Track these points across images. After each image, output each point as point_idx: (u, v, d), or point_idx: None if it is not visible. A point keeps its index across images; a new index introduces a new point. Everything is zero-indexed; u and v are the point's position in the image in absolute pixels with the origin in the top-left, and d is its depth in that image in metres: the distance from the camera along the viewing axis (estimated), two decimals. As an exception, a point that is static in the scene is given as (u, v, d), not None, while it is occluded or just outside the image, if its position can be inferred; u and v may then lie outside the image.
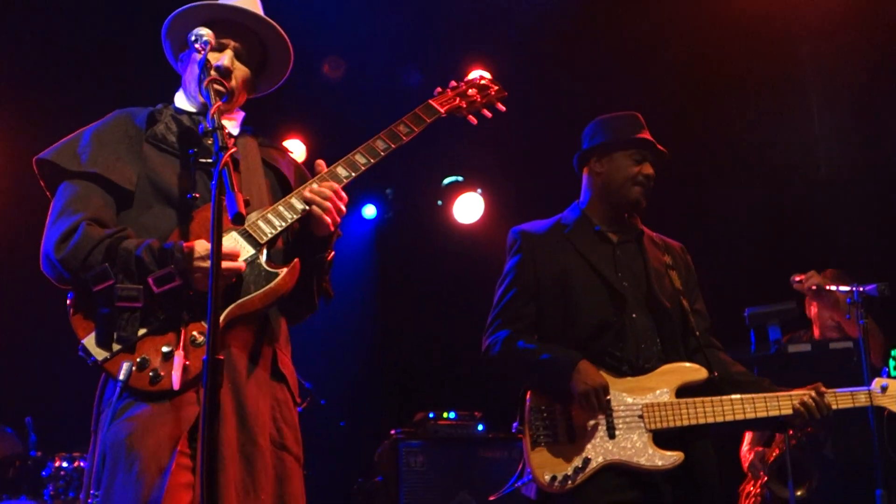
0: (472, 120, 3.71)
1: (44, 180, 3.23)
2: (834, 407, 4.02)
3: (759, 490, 5.65)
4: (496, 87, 3.77)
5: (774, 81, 7.74)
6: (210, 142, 2.89)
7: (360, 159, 3.30)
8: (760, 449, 5.70)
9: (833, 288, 4.80)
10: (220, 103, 2.95)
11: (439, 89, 3.67)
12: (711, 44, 7.46)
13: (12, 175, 6.60)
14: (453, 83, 3.71)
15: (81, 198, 3.11)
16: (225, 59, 3.28)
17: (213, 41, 3.14)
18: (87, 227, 3.01)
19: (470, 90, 3.71)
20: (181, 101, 3.34)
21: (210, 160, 3.02)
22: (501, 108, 3.76)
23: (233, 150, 2.81)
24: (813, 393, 4.00)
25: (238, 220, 2.73)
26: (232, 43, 3.32)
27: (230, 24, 3.33)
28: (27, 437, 6.16)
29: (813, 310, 5.68)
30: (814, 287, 5.01)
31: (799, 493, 4.85)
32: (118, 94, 3.94)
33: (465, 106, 3.67)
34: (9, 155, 6.79)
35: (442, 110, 3.58)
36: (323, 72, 7.93)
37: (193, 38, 3.10)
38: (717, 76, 7.62)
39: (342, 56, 7.95)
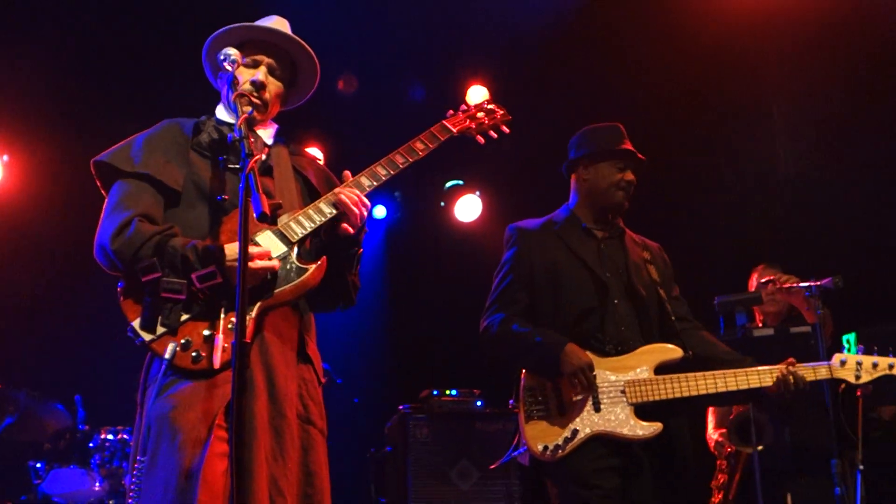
0: (480, 140, 3.71)
1: (99, 180, 3.24)
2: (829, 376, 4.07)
3: (724, 476, 5.65)
4: (501, 112, 3.78)
5: (741, 98, 7.73)
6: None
7: (382, 171, 3.32)
8: (724, 430, 5.69)
9: (802, 285, 4.82)
10: (246, 115, 2.96)
11: (451, 112, 3.66)
12: (689, 63, 7.43)
13: (68, 176, 6.63)
14: (464, 106, 3.72)
15: (133, 195, 3.12)
16: (260, 74, 3.30)
17: (239, 60, 3.14)
18: (139, 222, 3.03)
19: (479, 113, 3.71)
20: (221, 113, 3.35)
21: (238, 166, 3.09)
22: (506, 130, 3.77)
23: (258, 156, 2.83)
24: (788, 367, 4.02)
25: (263, 219, 2.78)
26: (266, 60, 3.33)
27: (264, 44, 3.35)
28: (76, 413, 6.16)
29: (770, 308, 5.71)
30: (786, 286, 5.03)
31: (760, 447, 4.87)
32: (166, 105, 3.96)
33: (474, 127, 3.68)
34: (67, 160, 6.81)
35: (455, 130, 3.58)
36: (338, 88, 7.95)
37: (222, 56, 3.11)
38: (693, 91, 7.61)
39: (355, 73, 7.96)
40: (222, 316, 2.96)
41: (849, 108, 7.37)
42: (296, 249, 3.12)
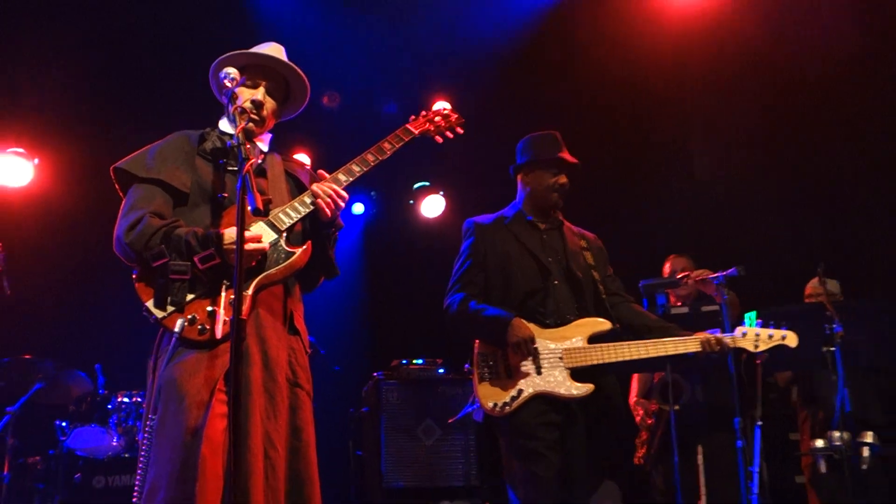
0: (438, 139, 3.72)
1: (118, 183, 3.24)
2: (732, 346, 4.11)
3: (647, 433, 5.67)
4: (455, 116, 3.78)
5: (665, 114, 7.77)
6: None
7: (355, 168, 3.33)
8: (643, 399, 5.73)
9: (712, 276, 4.87)
10: (243, 125, 2.97)
11: (413, 116, 3.68)
12: (623, 84, 7.51)
13: (92, 178, 6.58)
14: (423, 112, 3.72)
15: (147, 197, 3.12)
16: (258, 94, 3.30)
17: (238, 78, 3.14)
18: (150, 218, 3.03)
19: (436, 118, 3.72)
20: (224, 125, 3.33)
21: (235, 169, 3.11)
22: (460, 131, 3.78)
23: (253, 160, 2.84)
24: (709, 336, 4.08)
25: (257, 213, 2.80)
26: (264, 82, 3.33)
27: (263, 68, 3.35)
28: (97, 379, 6.09)
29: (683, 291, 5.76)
30: (700, 277, 5.08)
31: (676, 407, 4.92)
32: (178, 116, 3.94)
33: (432, 129, 3.69)
34: (91, 164, 6.77)
35: (416, 132, 3.60)
36: (323, 103, 7.93)
37: (223, 75, 3.10)
38: (626, 107, 7.68)
39: (338, 91, 7.94)
40: (223, 294, 2.97)
41: (753, 125, 7.45)
42: (284, 236, 3.14)
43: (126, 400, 5.99)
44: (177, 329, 2.89)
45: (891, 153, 7.04)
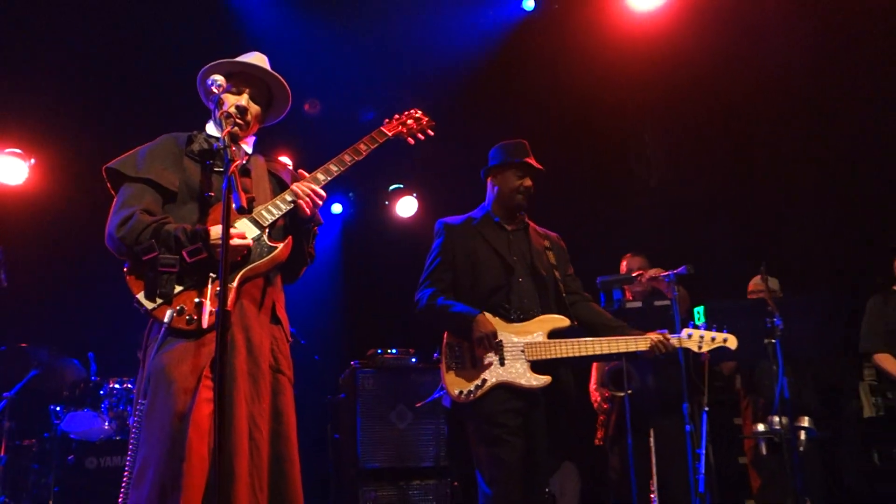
0: (411, 141, 3.73)
1: (109, 182, 3.23)
2: (678, 346, 4.16)
3: (604, 416, 5.71)
4: (426, 119, 3.80)
5: (623, 127, 7.87)
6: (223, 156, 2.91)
7: (333, 168, 3.34)
8: (602, 388, 5.78)
9: (663, 275, 4.92)
10: (229, 128, 2.96)
11: (387, 120, 3.69)
12: (585, 99, 7.56)
13: (84, 177, 6.53)
14: (396, 115, 3.74)
15: (137, 195, 3.12)
16: (243, 100, 3.30)
17: (224, 85, 3.12)
18: (140, 215, 3.03)
19: (409, 121, 3.73)
20: (210, 128, 3.34)
21: (221, 169, 3.11)
22: (431, 133, 3.78)
23: (238, 161, 2.84)
24: (659, 336, 4.13)
25: (241, 211, 2.82)
26: (248, 89, 3.33)
27: (247, 76, 3.35)
28: (89, 367, 6.06)
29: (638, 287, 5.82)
30: (653, 275, 5.13)
31: (630, 391, 4.97)
32: (167, 119, 3.94)
33: (405, 131, 3.69)
34: (82, 163, 6.73)
35: (390, 134, 3.61)
36: (305, 109, 7.91)
37: (210, 82, 3.09)
38: (589, 119, 7.72)
39: (318, 98, 7.93)
40: (209, 286, 2.97)
41: (701, 134, 7.53)
42: (267, 232, 3.14)
43: (117, 386, 5.96)
44: (166, 319, 2.89)
45: (824, 163, 7.16)
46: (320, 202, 3.24)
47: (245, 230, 3.09)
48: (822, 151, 7.21)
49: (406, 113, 3.77)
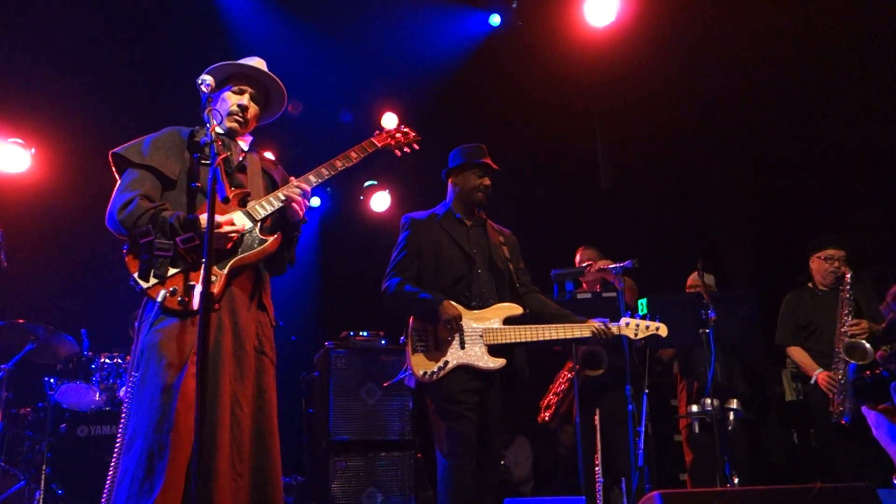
0: (398, 153, 3.78)
1: (114, 166, 3.23)
2: (616, 333, 4.22)
3: (556, 396, 5.72)
4: (413, 134, 3.84)
5: (577, 135, 7.93)
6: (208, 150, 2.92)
7: (325, 171, 3.37)
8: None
9: (611, 266, 4.98)
10: (216, 124, 2.96)
11: (377, 131, 3.72)
12: (544, 107, 7.61)
13: (84, 166, 6.51)
14: (387, 129, 3.77)
15: (139, 181, 3.12)
16: (244, 100, 3.32)
17: (213, 84, 3.11)
18: (140, 200, 3.03)
19: (398, 134, 3.77)
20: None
21: (207, 162, 3.09)
22: (416, 147, 3.84)
23: (224, 154, 2.85)
24: (600, 324, 4.19)
25: (225, 201, 2.85)
26: (248, 89, 3.36)
27: (249, 77, 3.37)
28: (82, 342, 6.00)
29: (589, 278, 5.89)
30: (602, 267, 5.18)
31: (600, 371, 5.01)
32: (168, 112, 3.92)
33: (393, 144, 3.74)
34: (81, 152, 6.68)
35: (379, 145, 3.66)
36: (287, 110, 7.88)
37: (200, 81, 3.08)
38: (546, 127, 7.77)
39: (301, 100, 7.91)
40: (201, 270, 2.96)
41: (649, 143, 7.62)
42: (259, 225, 3.16)
43: (108, 361, 5.92)
44: (159, 298, 2.90)
45: (753, 176, 7.30)
46: (308, 203, 3.28)
47: (240, 222, 3.10)
48: (752, 165, 7.35)
49: (396, 127, 3.82)
